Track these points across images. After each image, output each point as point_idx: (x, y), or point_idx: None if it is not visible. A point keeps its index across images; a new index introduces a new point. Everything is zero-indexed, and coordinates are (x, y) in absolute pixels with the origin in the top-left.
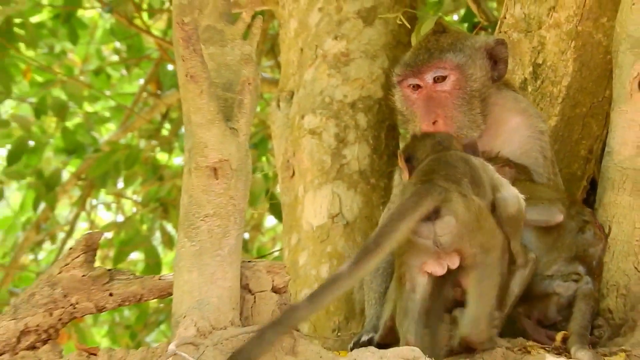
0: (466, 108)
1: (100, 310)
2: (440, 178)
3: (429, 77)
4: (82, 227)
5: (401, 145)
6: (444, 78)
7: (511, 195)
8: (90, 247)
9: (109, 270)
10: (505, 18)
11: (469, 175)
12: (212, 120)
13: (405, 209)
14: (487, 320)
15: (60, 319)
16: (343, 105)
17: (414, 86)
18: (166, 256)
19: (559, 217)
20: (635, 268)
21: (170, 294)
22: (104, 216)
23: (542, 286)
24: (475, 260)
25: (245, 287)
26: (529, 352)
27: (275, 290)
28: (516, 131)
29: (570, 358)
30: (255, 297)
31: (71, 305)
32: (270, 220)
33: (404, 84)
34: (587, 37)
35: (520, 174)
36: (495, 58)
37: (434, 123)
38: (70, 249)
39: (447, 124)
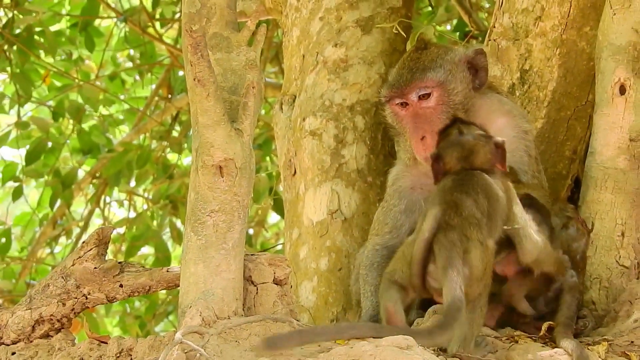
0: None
1: (111, 300)
2: (465, 223)
3: (413, 96)
4: (96, 223)
5: (396, 146)
6: (428, 95)
7: (529, 244)
8: (102, 241)
9: (120, 262)
10: (495, 27)
11: (487, 213)
12: (218, 121)
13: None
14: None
15: (72, 309)
16: (342, 108)
17: (401, 104)
18: (175, 250)
19: None
20: (617, 262)
21: (177, 286)
22: (117, 213)
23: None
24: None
25: (248, 279)
26: (516, 342)
27: (276, 281)
28: (501, 132)
29: (555, 347)
30: (257, 288)
31: (83, 295)
32: (273, 217)
33: (391, 102)
34: (572, 45)
35: (513, 173)
36: (476, 67)
37: (422, 139)
38: (83, 242)
39: (434, 138)
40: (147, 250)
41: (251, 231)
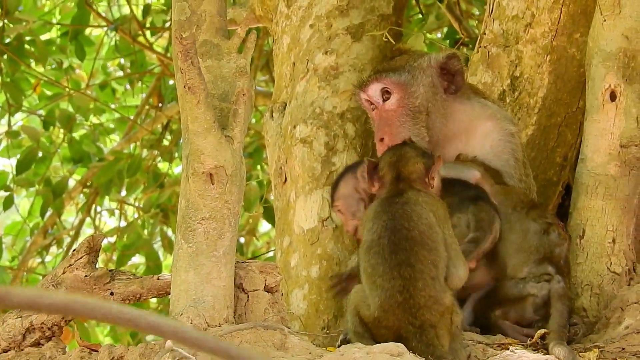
0: (411, 123)
1: None
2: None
3: (376, 97)
4: (87, 232)
5: None
6: (389, 97)
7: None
8: (92, 249)
9: (110, 270)
10: (485, 34)
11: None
12: (208, 128)
13: None
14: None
15: (63, 317)
16: (332, 116)
17: (371, 104)
18: (166, 259)
19: (476, 175)
20: (608, 268)
21: (168, 293)
22: (107, 222)
23: (517, 289)
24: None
25: (239, 286)
26: (507, 348)
27: (267, 289)
28: (487, 135)
29: (547, 354)
30: (248, 296)
31: None
32: (264, 226)
33: (361, 101)
34: (562, 52)
35: (495, 177)
36: (450, 72)
37: (381, 140)
38: (74, 250)
39: (392, 140)
40: (138, 259)
41: (242, 240)
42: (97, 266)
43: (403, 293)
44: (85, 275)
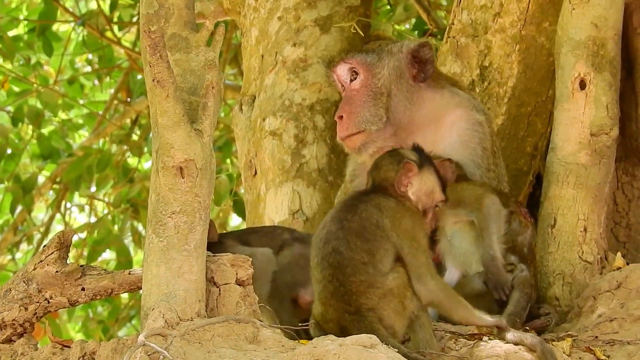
0: (371, 104)
1: (73, 304)
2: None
3: (344, 76)
4: (57, 229)
5: None
6: (355, 77)
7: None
8: (63, 244)
9: (81, 266)
10: (454, 24)
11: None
12: (177, 122)
13: None
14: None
15: (35, 313)
16: (302, 108)
17: (341, 84)
18: (137, 254)
19: (499, 204)
20: (580, 257)
21: (140, 288)
22: (77, 218)
23: (480, 283)
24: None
25: (210, 280)
26: (480, 339)
27: (239, 282)
28: (454, 124)
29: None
30: (220, 290)
31: (45, 300)
32: (235, 220)
33: (333, 80)
34: (531, 41)
35: (458, 168)
36: (421, 60)
37: (340, 118)
38: (44, 246)
39: (350, 118)
40: (108, 255)
41: None
42: (67, 262)
43: (333, 282)
44: (56, 271)
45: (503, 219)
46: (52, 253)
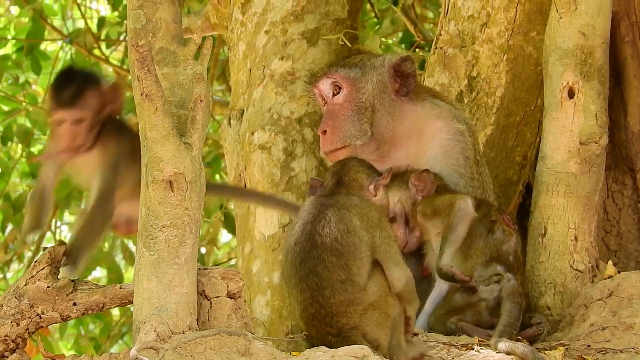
0: (355, 119)
1: (65, 319)
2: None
3: (327, 91)
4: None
5: None
6: (338, 91)
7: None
8: (54, 259)
9: (73, 281)
10: (441, 35)
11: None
12: (166, 136)
13: None
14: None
15: (27, 329)
16: (290, 121)
17: (322, 99)
18: (127, 271)
19: (470, 207)
20: (571, 266)
21: (131, 302)
22: (68, 236)
23: (467, 295)
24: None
25: (201, 293)
26: (472, 349)
27: (230, 295)
28: (436, 134)
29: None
30: (211, 303)
31: (37, 315)
32: (225, 236)
33: (314, 94)
34: (518, 50)
35: (437, 179)
36: (403, 74)
37: (323, 133)
38: (35, 262)
39: (334, 133)
40: (99, 272)
41: (203, 250)
42: (59, 277)
43: (314, 305)
44: (48, 286)
45: (468, 223)
46: (43, 268)
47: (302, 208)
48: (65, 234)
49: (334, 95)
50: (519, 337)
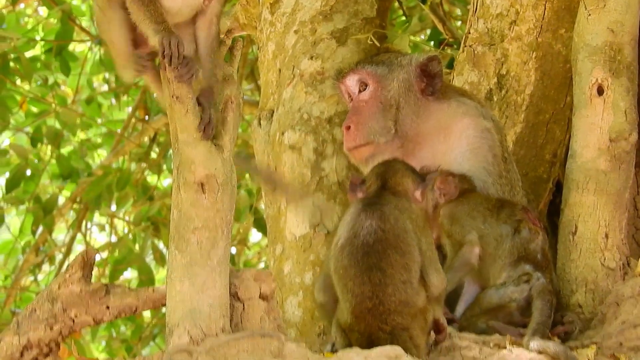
0: (380, 116)
1: (98, 322)
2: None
3: (353, 87)
4: (78, 249)
5: None
6: (365, 88)
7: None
8: (86, 263)
9: (105, 284)
10: (470, 33)
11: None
12: (197, 138)
13: None
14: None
15: (60, 333)
16: (320, 121)
17: (349, 96)
18: (158, 273)
19: (474, 257)
20: (602, 264)
21: (164, 305)
22: (98, 238)
23: (498, 296)
24: None
25: (234, 295)
26: (504, 347)
27: (262, 297)
28: (463, 132)
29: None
30: (244, 305)
31: (70, 319)
32: (255, 236)
33: (340, 91)
34: (547, 48)
35: (463, 182)
36: (430, 73)
37: (347, 128)
38: (68, 266)
39: (359, 129)
40: (130, 274)
41: (234, 250)
42: (91, 280)
43: (372, 299)
44: (81, 290)
45: (466, 272)
46: (76, 272)
47: (351, 207)
48: (96, 236)
49: (360, 92)
50: (549, 335)
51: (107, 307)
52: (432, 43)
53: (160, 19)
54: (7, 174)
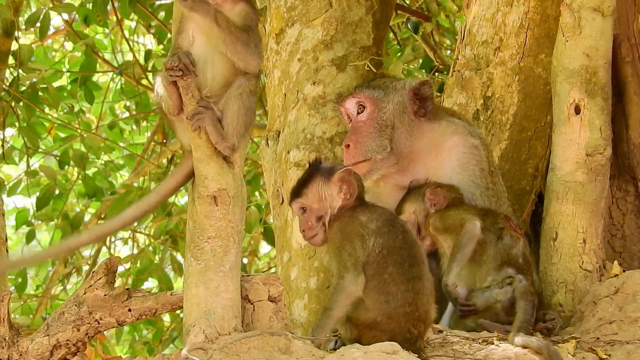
0: (376, 135)
1: (121, 324)
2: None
3: (352, 109)
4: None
5: None
6: (362, 110)
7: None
8: (110, 269)
9: (127, 289)
10: (458, 59)
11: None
12: (210, 155)
13: None
14: None
15: (86, 334)
16: (323, 141)
17: (348, 117)
18: (177, 282)
19: (477, 230)
20: (580, 267)
21: (181, 307)
22: (121, 251)
23: (484, 298)
24: None
25: (245, 298)
26: (492, 343)
27: (271, 299)
28: (453, 149)
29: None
30: (254, 306)
31: (95, 321)
32: (265, 248)
33: (340, 113)
34: (529, 72)
35: (451, 192)
36: (422, 97)
37: (347, 147)
38: (93, 272)
39: (357, 147)
40: (150, 283)
41: (245, 260)
42: (115, 286)
43: (412, 305)
44: (105, 295)
45: (474, 244)
46: (100, 278)
47: (377, 214)
48: (119, 249)
49: (358, 113)
50: (531, 331)
51: (129, 310)
52: (424, 71)
53: None
54: (38, 194)
